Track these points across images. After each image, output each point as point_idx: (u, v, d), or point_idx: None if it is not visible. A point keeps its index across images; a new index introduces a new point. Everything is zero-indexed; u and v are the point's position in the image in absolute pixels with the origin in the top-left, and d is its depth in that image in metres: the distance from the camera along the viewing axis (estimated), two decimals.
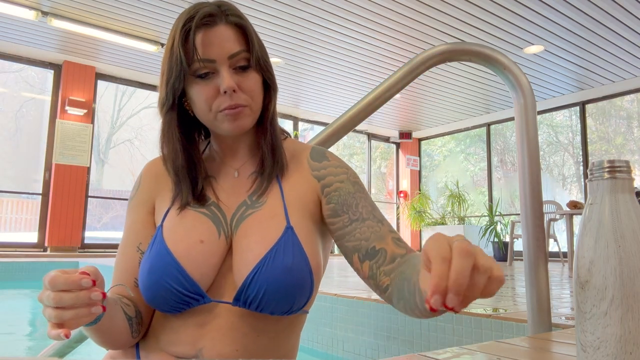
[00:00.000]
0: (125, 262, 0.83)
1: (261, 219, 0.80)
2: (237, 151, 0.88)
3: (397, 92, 1.25)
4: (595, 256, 0.54)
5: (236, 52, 0.77)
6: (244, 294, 0.75)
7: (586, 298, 0.55)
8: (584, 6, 4.82)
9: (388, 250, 0.77)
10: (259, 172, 0.85)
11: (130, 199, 0.89)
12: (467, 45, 1.23)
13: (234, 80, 0.77)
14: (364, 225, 0.80)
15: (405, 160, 10.16)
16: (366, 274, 0.78)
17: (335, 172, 0.86)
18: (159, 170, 0.88)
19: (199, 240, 0.78)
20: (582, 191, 8.05)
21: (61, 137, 6.34)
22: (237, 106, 0.77)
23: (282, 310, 0.77)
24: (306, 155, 0.89)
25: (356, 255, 0.79)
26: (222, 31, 0.77)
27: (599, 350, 0.53)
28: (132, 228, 0.86)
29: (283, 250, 0.76)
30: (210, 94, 0.77)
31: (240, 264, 0.77)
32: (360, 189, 0.85)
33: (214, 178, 0.86)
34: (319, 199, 0.85)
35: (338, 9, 4.99)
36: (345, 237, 0.81)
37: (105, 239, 7.15)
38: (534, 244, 1.16)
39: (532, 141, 1.18)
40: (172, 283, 0.75)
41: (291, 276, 0.75)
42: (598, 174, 0.56)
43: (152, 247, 0.79)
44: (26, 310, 3.56)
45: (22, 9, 5.01)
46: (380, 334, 1.78)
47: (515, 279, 3.38)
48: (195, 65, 0.76)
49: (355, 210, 0.81)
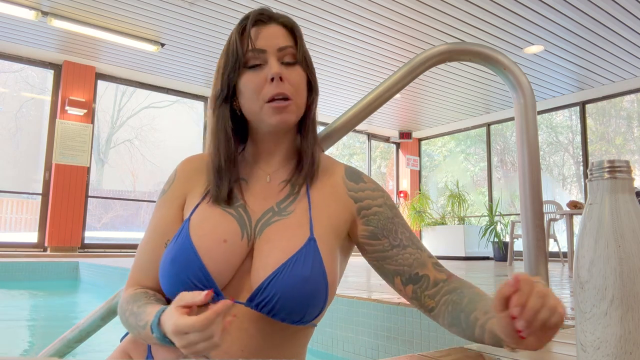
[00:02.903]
0: (152, 255, 0.85)
1: (286, 228, 0.82)
2: (273, 156, 0.90)
3: (397, 92, 1.25)
4: (595, 256, 0.54)
5: (285, 45, 0.84)
6: (259, 297, 0.76)
7: (586, 298, 0.55)
8: (584, 6, 4.82)
9: (431, 276, 0.85)
10: (291, 181, 0.87)
11: (163, 192, 0.91)
12: (467, 45, 1.23)
13: (283, 72, 0.82)
14: (405, 252, 0.86)
15: (405, 160, 10.16)
16: (409, 295, 0.86)
17: (372, 195, 0.90)
18: (194, 166, 0.91)
19: (223, 240, 0.80)
20: (582, 191, 8.05)
21: (61, 137, 6.34)
22: (283, 95, 0.81)
23: (294, 319, 0.78)
24: (341, 173, 0.91)
25: (398, 278, 0.86)
26: (273, 28, 0.85)
27: (599, 350, 0.53)
28: (161, 222, 0.87)
29: (303, 260, 0.78)
30: (259, 83, 0.82)
31: (260, 267, 0.78)
32: (397, 214, 0.90)
33: (245, 180, 0.88)
34: (352, 219, 0.88)
35: (338, 9, 4.99)
36: (385, 260, 0.87)
37: (105, 239, 7.15)
38: (534, 244, 1.15)
39: (532, 141, 1.18)
40: (192, 278, 0.77)
41: (307, 287, 0.76)
42: (598, 174, 0.56)
43: (177, 239, 0.81)
44: (26, 310, 3.56)
45: (22, 9, 5.01)
46: (380, 334, 1.78)
47: None
48: (248, 56, 0.83)
49: (395, 236, 0.87)
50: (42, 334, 2.78)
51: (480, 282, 3.07)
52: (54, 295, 4.27)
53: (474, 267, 5.28)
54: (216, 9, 5.03)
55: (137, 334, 0.76)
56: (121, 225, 7.97)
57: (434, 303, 0.84)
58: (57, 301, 4.00)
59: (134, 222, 8.27)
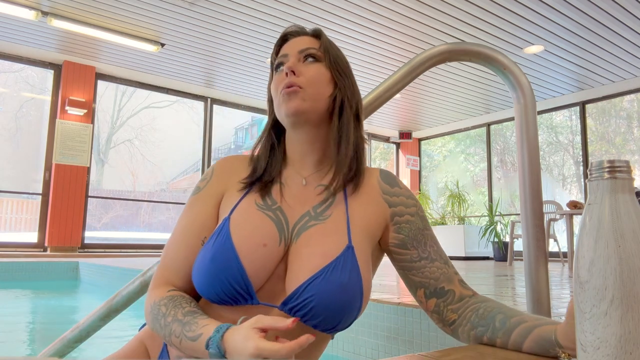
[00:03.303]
0: (187, 252, 0.84)
1: (323, 233, 0.82)
2: (308, 158, 0.90)
3: (397, 92, 1.24)
4: (595, 256, 0.54)
5: (306, 47, 0.88)
6: (293, 300, 0.76)
7: (586, 298, 0.55)
8: (584, 6, 4.82)
9: (456, 291, 0.86)
10: (328, 184, 0.87)
11: (198, 189, 0.91)
12: (467, 45, 1.23)
13: (298, 67, 0.85)
14: (433, 265, 0.86)
15: (405, 160, 10.16)
16: (431, 308, 0.87)
17: (406, 202, 0.90)
18: (232, 166, 0.92)
19: (263, 244, 0.80)
20: (582, 191, 8.05)
21: (61, 137, 6.34)
22: (292, 85, 0.83)
23: (327, 326, 0.77)
24: (376, 175, 0.92)
25: (422, 290, 0.87)
26: (301, 38, 0.90)
27: (599, 350, 0.53)
28: (197, 219, 0.87)
29: (341, 267, 0.77)
30: (279, 79, 0.87)
31: (297, 272, 0.78)
32: (427, 226, 0.90)
33: (283, 183, 0.89)
34: (385, 224, 0.88)
35: (338, 9, 4.99)
36: (412, 271, 0.87)
37: (105, 239, 7.15)
38: (534, 244, 1.15)
39: (532, 141, 1.18)
40: (230, 279, 0.77)
41: (344, 294, 0.76)
42: (598, 174, 0.56)
43: (217, 238, 0.80)
44: (26, 310, 3.56)
45: (22, 9, 5.01)
46: (380, 334, 1.77)
47: (515, 279, 3.38)
48: (276, 63, 0.90)
49: (424, 248, 0.87)
50: (42, 334, 2.78)
51: (480, 282, 3.07)
52: (54, 295, 4.27)
53: (474, 267, 5.27)
54: (216, 9, 5.03)
55: (174, 341, 0.74)
56: (121, 225, 7.96)
57: (456, 316, 0.85)
58: (57, 301, 4.00)
59: (134, 222, 8.27)
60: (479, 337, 0.82)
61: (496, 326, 0.79)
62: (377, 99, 1.23)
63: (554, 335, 0.72)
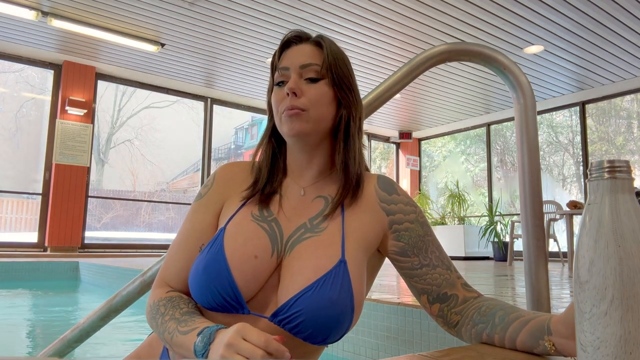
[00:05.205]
0: (186, 257, 0.86)
1: (317, 245, 0.82)
2: (307, 170, 0.90)
3: (397, 92, 1.24)
4: (595, 256, 0.54)
5: (307, 63, 0.85)
6: (283, 313, 0.76)
7: (586, 298, 0.55)
8: (584, 6, 4.82)
9: (460, 295, 0.86)
10: (326, 197, 0.87)
11: (200, 196, 0.92)
12: (467, 45, 1.23)
13: (300, 87, 0.84)
14: (434, 272, 0.86)
15: (405, 160, 10.16)
16: (435, 312, 0.87)
17: (405, 209, 0.89)
18: (233, 174, 0.92)
19: (254, 255, 0.80)
20: (582, 191, 8.05)
21: (61, 137, 6.34)
22: (294, 108, 0.82)
23: (316, 339, 0.77)
24: (373, 182, 0.91)
25: (425, 296, 0.87)
26: (302, 47, 0.88)
27: (599, 350, 0.53)
28: (197, 227, 0.88)
29: (332, 282, 0.77)
30: (280, 97, 0.85)
31: (288, 284, 0.78)
32: (428, 232, 0.89)
33: (283, 194, 0.89)
34: (383, 232, 0.88)
35: (338, 9, 4.99)
36: (414, 278, 0.87)
37: (105, 239, 7.15)
38: (534, 244, 1.15)
39: (532, 141, 1.18)
40: (220, 289, 0.78)
41: (333, 310, 0.76)
42: (598, 174, 0.56)
43: (211, 248, 0.82)
44: (26, 310, 3.56)
45: (22, 9, 5.01)
46: (380, 334, 1.77)
47: (515, 279, 3.38)
48: (276, 75, 0.87)
49: (425, 255, 0.87)
50: (42, 334, 2.78)
51: (480, 282, 3.07)
52: (54, 295, 4.27)
53: (474, 267, 5.27)
54: (216, 9, 5.03)
55: (166, 337, 0.76)
56: (121, 225, 7.96)
57: (459, 317, 0.85)
58: (57, 301, 4.00)
59: (134, 222, 8.26)
60: (479, 333, 0.82)
61: (495, 322, 0.79)
62: (377, 99, 1.23)
63: (548, 323, 0.72)
